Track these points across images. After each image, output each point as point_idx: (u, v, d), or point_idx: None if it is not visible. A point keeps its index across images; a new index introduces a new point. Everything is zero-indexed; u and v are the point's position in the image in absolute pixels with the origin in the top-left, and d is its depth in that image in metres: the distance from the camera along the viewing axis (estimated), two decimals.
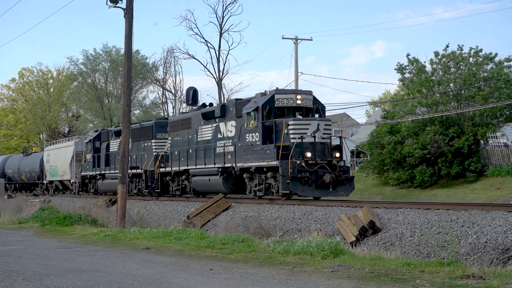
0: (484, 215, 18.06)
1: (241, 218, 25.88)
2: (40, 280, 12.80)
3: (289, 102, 27.32)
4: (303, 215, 23.61)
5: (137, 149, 39.00)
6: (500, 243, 16.12)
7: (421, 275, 12.44)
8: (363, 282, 11.99)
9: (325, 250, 15.59)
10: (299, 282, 12.23)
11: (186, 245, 19.21)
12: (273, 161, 25.61)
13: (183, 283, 12.38)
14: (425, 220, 19.09)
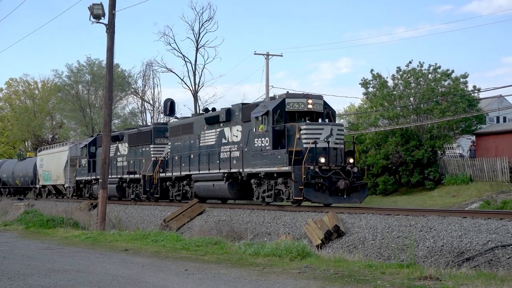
0: (440, 221, 18.19)
1: (214, 222, 25.83)
2: (24, 280, 12.70)
3: (300, 107, 24.72)
4: (272, 219, 23.62)
5: (134, 154, 36.85)
6: (455, 246, 16.23)
7: (382, 276, 12.49)
8: (328, 282, 12.02)
9: (293, 252, 15.61)
10: (268, 282, 12.23)
11: (162, 247, 19.13)
12: (285, 166, 23.24)
13: (160, 282, 12.34)
14: (386, 225, 19.18)
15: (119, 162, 38.24)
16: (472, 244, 16.01)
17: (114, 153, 38.31)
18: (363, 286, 11.51)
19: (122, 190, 37.77)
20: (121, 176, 37.52)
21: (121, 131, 40.51)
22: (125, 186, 37.57)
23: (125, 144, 37.93)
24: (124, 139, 38.13)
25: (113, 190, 36.97)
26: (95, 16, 26.50)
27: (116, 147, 38.70)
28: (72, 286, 11.87)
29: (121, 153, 38.05)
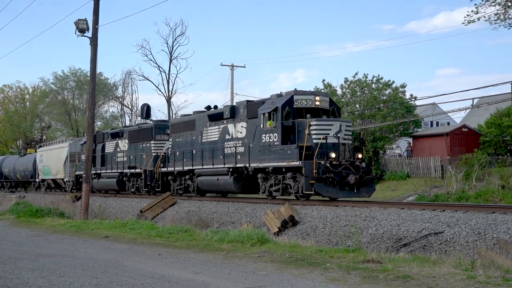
0: (381, 211, 18.34)
1: (185, 212, 25.74)
2: (15, 263, 12.56)
3: (308, 103, 22.51)
4: (236, 210, 23.62)
5: (134, 150, 34.44)
6: (394, 234, 16.39)
7: (331, 259, 12.56)
8: (284, 265, 12.05)
9: (254, 239, 15.61)
10: (231, 265, 12.23)
11: (139, 234, 19.03)
12: (295, 161, 20.90)
13: (136, 265, 12.27)
14: (334, 215, 19.29)
15: (119, 157, 36.24)
16: (408, 231, 16.17)
17: (114, 149, 37.05)
18: (315, 268, 11.55)
19: (121, 184, 35.55)
20: (121, 170, 35.35)
21: (121, 128, 38.69)
22: (125, 180, 35.35)
23: (125, 141, 35.84)
24: (124, 135, 36.11)
25: (113, 184, 35.77)
26: (80, 30, 26.53)
27: (116, 143, 37.09)
28: (58, 269, 11.74)
29: (121, 149, 36.10)
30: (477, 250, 13.73)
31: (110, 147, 37.44)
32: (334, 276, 10.77)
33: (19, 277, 10.76)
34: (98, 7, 26.92)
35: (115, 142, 36.59)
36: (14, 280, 10.37)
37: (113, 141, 37.08)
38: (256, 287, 9.65)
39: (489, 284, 9.70)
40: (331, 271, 11.29)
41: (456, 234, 15.02)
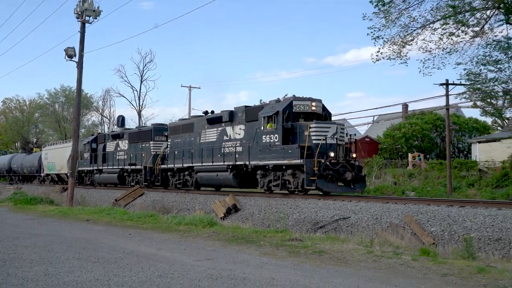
0: (303, 201, 18.51)
1: (151, 201, 25.48)
2: (12, 241, 12.22)
3: (305, 108, 20.59)
4: (191, 200, 23.50)
5: (134, 149, 31.82)
6: (313, 218, 16.58)
7: (264, 238, 12.63)
8: (228, 242, 12.08)
9: (204, 222, 15.56)
10: (187, 242, 12.19)
11: (113, 218, 18.75)
12: (296, 159, 18.96)
13: (110, 243, 12.10)
14: (267, 204, 19.39)
15: (119, 156, 33.53)
16: (324, 217, 16.37)
17: (115, 148, 34.36)
18: (251, 245, 11.61)
19: (121, 178, 32.96)
20: (122, 167, 32.77)
21: (121, 130, 35.75)
22: (125, 175, 32.80)
23: (125, 141, 33.23)
24: (124, 137, 33.48)
25: (114, 178, 33.58)
26: (69, 56, 26.13)
27: (116, 144, 34.33)
28: (47, 245, 11.48)
29: (121, 148, 33.49)
30: (374, 231, 14.03)
31: (111, 146, 35.16)
32: (266, 251, 10.84)
33: (15, 252, 10.51)
34: (83, 38, 26.52)
35: (115, 143, 34.46)
36: (11, 255, 10.12)
37: (113, 142, 34.66)
38: (205, 260, 9.63)
39: (383, 257, 9.93)
40: (264, 247, 11.36)
41: (359, 219, 15.30)
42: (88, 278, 7.87)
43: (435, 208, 14.54)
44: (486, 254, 10.85)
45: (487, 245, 11.65)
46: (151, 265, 8.99)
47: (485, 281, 7.93)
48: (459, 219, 13.20)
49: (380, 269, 8.89)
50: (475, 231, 12.32)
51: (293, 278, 7.96)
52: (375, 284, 7.67)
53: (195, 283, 7.53)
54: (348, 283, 7.67)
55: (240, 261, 9.58)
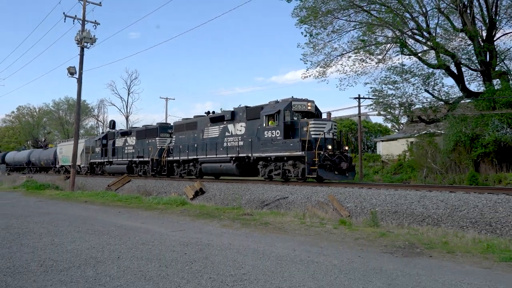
0: (253, 185, 18.56)
1: (136, 186, 24.96)
2: (24, 218, 11.72)
3: (302, 108, 19.06)
4: (168, 185, 23.17)
5: (141, 144, 29.68)
6: (260, 198, 16.64)
7: (223, 214, 12.60)
8: (196, 217, 11.98)
9: (178, 202, 15.40)
10: (164, 217, 12.03)
11: (106, 200, 18.28)
12: (298, 151, 17.37)
13: (104, 219, 11.79)
14: (226, 188, 19.35)
15: (127, 150, 31.35)
16: (269, 197, 16.46)
17: (123, 144, 32.06)
18: (214, 219, 11.56)
19: (130, 169, 30.79)
20: (131, 159, 30.56)
21: (129, 128, 33.59)
22: (134, 166, 30.58)
23: (132, 138, 30.99)
24: (132, 134, 31.26)
25: (123, 169, 31.17)
26: (70, 73, 25.27)
27: (125, 140, 32.01)
28: (53, 221, 11.09)
29: (129, 144, 31.29)
30: (306, 207, 14.19)
31: (120, 142, 32.81)
32: (225, 223, 10.82)
33: (28, 227, 10.10)
34: (82, 59, 25.71)
35: (124, 139, 32.28)
36: (24, 229, 9.71)
37: (122, 138, 32.37)
38: (178, 231, 9.53)
39: (312, 226, 10.08)
40: (223, 220, 11.33)
41: (295, 198, 15.44)
42: (86, 246, 7.66)
43: (350, 189, 14.85)
44: (386, 223, 11.16)
45: (387, 216, 11.97)
46: (136, 235, 8.83)
47: (385, 243, 8.17)
48: (368, 197, 13.54)
49: (310, 236, 9.02)
50: (378, 206, 12.64)
51: (246, 243, 7.99)
52: (306, 246, 7.78)
53: (171, 248, 7.44)
54: (286, 246, 7.76)
55: (205, 231, 9.53)
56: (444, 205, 11.44)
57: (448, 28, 24.81)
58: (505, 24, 25.14)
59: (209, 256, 6.84)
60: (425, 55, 25.27)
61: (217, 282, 5.40)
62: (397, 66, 26.28)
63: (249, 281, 5.44)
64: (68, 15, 25.92)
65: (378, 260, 6.74)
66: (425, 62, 24.80)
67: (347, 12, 25.73)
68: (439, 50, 23.15)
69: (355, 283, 5.37)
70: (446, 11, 24.02)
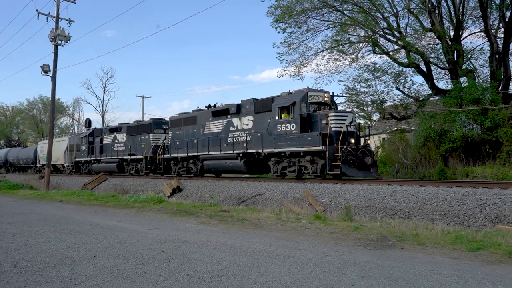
0: (230, 182, 18.49)
1: (113, 185, 24.57)
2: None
3: (319, 99, 17.04)
4: (145, 183, 22.88)
5: (133, 141, 27.38)
6: (237, 195, 16.62)
7: (200, 211, 12.54)
8: (173, 215, 11.89)
9: (155, 200, 15.27)
10: (141, 216, 11.88)
11: (82, 199, 17.94)
12: (317, 146, 15.53)
13: (80, 218, 11.55)
14: (203, 185, 19.25)
15: (116, 147, 29.03)
16: (246, 193, 16.45)
17: (112, 141, 29.67)
18: (191, 216, 11.50)
19: (120, 167, 28.51)
20: (121, 157, 28.20)
21: (118, 124, 30.90)
22: (125, 165, 28.27)
23: (123, 134, 28.68)
24: (122, 130, 28.94)
25: (113, 167, 28.96)
26: (45, 71, 24.73)
27: (114, 136, 29.61)
28: (27, 221, 10.79)
29: (119, 141, 28.98)
30: (282, 203, 14.26)
31: (108, 139, 30.30)
32: (202, 220, 10.77)
33: (0, 228, 9.80)
34: (56, 57, 25.15)
35: (113, 136, 29.94)
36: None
37: (111, 135, 29.93)
38: (155, 228, 9.43)
39: (288, 222, 10.13)
40: (200, 217, 11.28)
41: (271, 194, 15.47)
42: (62, 246, 7.49)
43: (325, 185, 14.96)
44: (360, 217, 11.32)
45: (360, 210, 12.14)
46: (112, 234, 8.68)
47: (359, 236, 8.29)
48: (342, 192, 13.68)
49: (286, 231, 9.06)
50: (352, 201, 12.80)
51: (223, 240, 7.96)
52: (282, 242, 7.81)
53: (148, 246, 7.35)
54: (263, 242, 7.77)
55: (183, 228, 9.46)
56: (415, 198, 11.67)
57: (418, 28, 25.32)
58: (471, 25, 25.90)
59: (186, 253, 6.78)
60: (396, 54, 25.74)
61: (194, 278, 5.36)
62: (369, 65, 26.68)
63: (226, 276, 5.43)
64: (42, 12, 25.31)
65: (352, 253, 6.82)
66: (396, 60, 25.24)
67: (321, 12, 25.93)
68: (409, 49, 23.59)
69: (330, 276, 5.42)
70: (416, 12, 24.48)
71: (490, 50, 22.96)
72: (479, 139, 20.95)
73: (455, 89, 22.33)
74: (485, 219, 9.93)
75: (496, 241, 7.36)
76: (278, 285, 5.06)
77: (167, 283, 5.18)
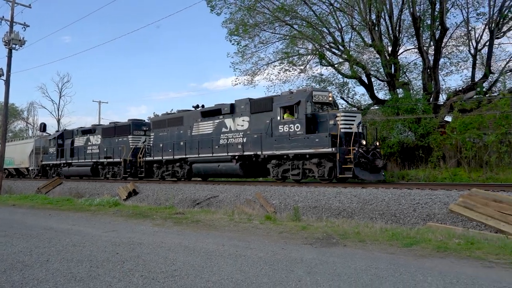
0: (185, 185, 18.27)
1: (68, 188, 23.51)
2: None
3: (324, 99, 15.46)
4: (100, 186, 22.08)
5: (109, 143, 24.80)
6: (192, 197, 16.42)
7: (156, 213, 12.28)
8: (128, 218, 11.57)
9: (111, 203, 14.78)
10: (96, 219, 11.46)
11: (36, 203, 17.04)
12: (326, 148, 14.00)
13: (33, 222, 10.96)
14: (159, 188, 18.86)
15: (89, 150, 26.40)
16: (200, 196, 16.28)
17: (85, 143, 27.01)
18: (146, 219, 11.23)
19: (94, 171, 25.91)
20: (96, 160, 25.59)
21: (92, 126, 28.15)
22: (100, 168, 25.70)
23: (97, 136, 25.99)
24: (97, 132, 26.21)
25: (86, 171, 26.33)
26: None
27: (87, 138, 26.96)
28: None
29: (93, 143, 26.32)
30: (235, 205, 14.22)
31: (80, 141, 27.60)
32: (157, 222, 10.55)
33: None
34: (10, 61, 23.81)
35: (85, 138, 27.12)
36: None
37: (83, 137, 27.29)
38: (111, 231, 9.12)
39: (240, 222, 10.14)
40: (156, 219, 11.04)
41: (225, 197, 15.40)
42: (13, 250, 7.06)
43: (275, 187, 15.07)
44: (307, 217, 11.51)
45: (308, 211, 12.35)
46: (66, 237, 8.31)
47: (306, 235, 8.43)
48: (291, 194, 13.86)
49: (238, 231, 9.06)
50: (300, 202, 13.00)
51: (177, 241, 7.84)
52: (234, 241, 7.80)
53: (102, 249, 7.10)
54: (216, 242, 7.73)
55: (138, 231, 9.22)
56: (357, 199, 12.05)
57: (360, 43, 26.31)
58: (407, 41, 27.23)
59: (141, 254, 6.61)
60: (340, 66, 26.57)
61: (148, 279, 5.24)
62: (316, 76, 27.38)
63: (180, 276, 5.34)
64: None
65: (299, 251, 6.93)
66: (341, 72, 26.06)
67: (273, 26, 26.31)
68: (352, 62, 24.43)
69: (279, 273, 5.48)
70: (358, 28, 25.41)
71: (423, 65, 24.24)
72: (413, 145, 22.01)
73: (393, 100, 23.35)
74: (418, 217, 10.43)
75: (427, 237, 7.74)
76: (230, 283, 5.05)
77: (121, 285, 5.03)
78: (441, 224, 9.56)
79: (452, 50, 26.44)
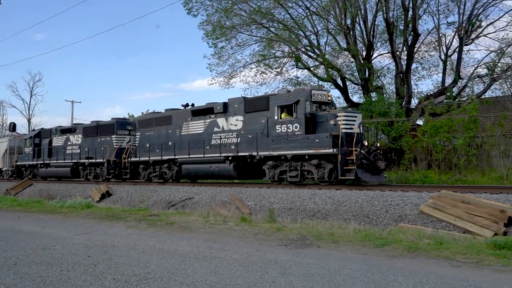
0: (160, 187, 17.96)
1: (38, 190, 22.79)
2: None
3: (323, 98, 14.77)
4: (72, 188, 21.51)
5: (91, 143, 23.40)
6: (167, 199, 16.19)
7: (130, 215, 12.10)
8: (101, 220, 11.35)
9: (83, 205, 14.48)
10: (68, 221, 11.20)
11: (4, 205, 16.50)
12: (327, 149, 13.32)
13: (1, 224, 10.61)
14: (134, 189, 18.53)
15: (69, 150, 24.84)
16: (175, 197, 16.08)
17: (64, 143, 25.40)
18: (120, 221, 11.05)
19: (74, 172, 24.39)
20: (76, 161, 24.07)
21: (72, 125, 26.82)
22: (80, 169, 24.24)
23: (78, 136, 24.52)
24: (77, 131, 24.76)
25: (66, 172, 24.84)
26: None
27: (66, 138, 25.39)
28: None
29: (73, 143, 24.78)
30: (211, 207, 14.14)
31: (59, 141, 26.01)
32: (131, 224, 10.39)
33: None
34: None
35: (65, 137, 25.59)
36: None
37: (62, 136, 25.78)
38: (83, 234, 8.92)
39: (216, 224, 10.10)
40: (129, 221, 10.87)
41: (200, 198, 15.26)
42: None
43: (251, 189, 15.04)
44: (282, 218, 11.57)
45: (283, 212, 12.40)
46: (36, 240, 8.07)
47: (281, 236, 8.48)
48: (266, 196, 13.87)
49: (213, 233, 9.02)
50: (276, 204, 13.05)
51: (151, 243, 7.74)
52: (209, 243, 7.76)
53: (73, 252, 6.93)
54: (190, 244, 7.67)
55: (111, 233, 9.05)
56: (331, 201, 12.19)
57: (335, 47, 26.68)
58: (380, 46, 27.79)
59: (114, 257, 6.49)
60: (316, 69, 26.86)
61: (121, 282, 5.15)
62: (292, 78, 27.58)
63: (154, 279, 5.28)
64: None
65: (274, 252, 6.96)
66: (316, 75, 26.33)
67: (249, 28, 26.37)
68: (327, 66, 24.74)
69: (253, 275, 5.48)
70: (334, 32, 25.77)
71: (396, 69, 24.80)
72: (386, 148, 22.46)
73: (367, 103, 23.77)
74: (390, 218, 10.64)
75: (398, 238, 7.91)
76: (204, 285, 5.02)
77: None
78: (412, 225, 9.79)
79: (424, 55, 27.16)
